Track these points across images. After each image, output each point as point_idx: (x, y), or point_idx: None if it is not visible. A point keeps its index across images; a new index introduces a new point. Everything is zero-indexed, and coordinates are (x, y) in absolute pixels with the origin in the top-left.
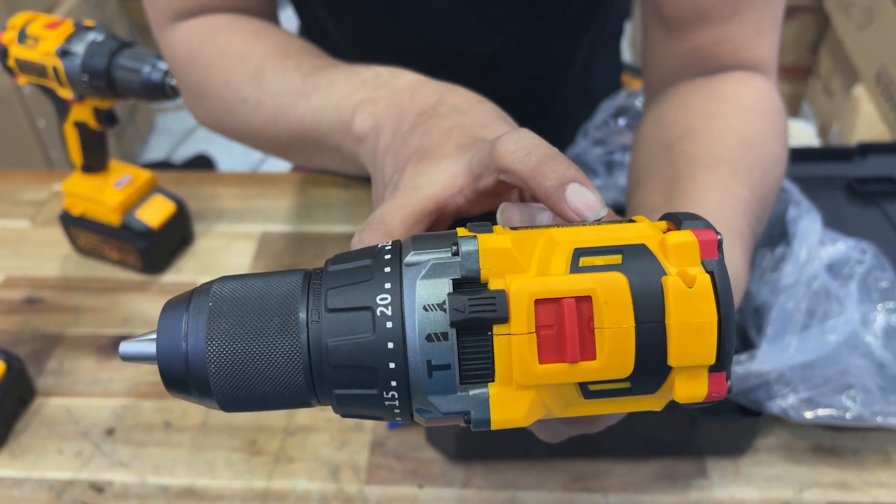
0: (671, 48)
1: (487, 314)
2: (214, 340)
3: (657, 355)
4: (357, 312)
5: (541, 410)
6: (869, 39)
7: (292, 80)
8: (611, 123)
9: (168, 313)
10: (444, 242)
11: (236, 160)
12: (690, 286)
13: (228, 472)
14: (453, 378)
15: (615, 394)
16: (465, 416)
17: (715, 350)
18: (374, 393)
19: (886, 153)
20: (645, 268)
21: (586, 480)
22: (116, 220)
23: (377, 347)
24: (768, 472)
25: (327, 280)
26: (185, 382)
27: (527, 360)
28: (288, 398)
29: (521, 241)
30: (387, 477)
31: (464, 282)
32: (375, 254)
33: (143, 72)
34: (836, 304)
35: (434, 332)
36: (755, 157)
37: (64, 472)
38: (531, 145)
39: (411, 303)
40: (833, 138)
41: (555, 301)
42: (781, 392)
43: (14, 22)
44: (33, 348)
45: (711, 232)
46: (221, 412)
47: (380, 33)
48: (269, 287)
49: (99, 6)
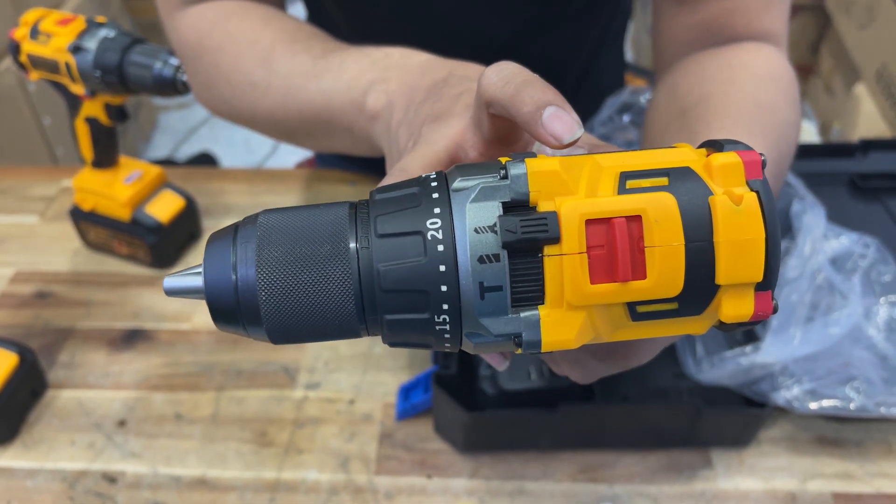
0: (683, 21)
1: (539, 234)
2: (265, 268)
3: (706, 273)
4: (408, 237)
5: (590, 333)
6: (870, 38)
7: (302, 62)
8: (615, 120)
9: (214, 245)
10: (491, 168)
11: (239, 158)
12: (738, 204)
13: (239, 463)
14: (505, 299)
15: (662, 315)
16: (517, 337)
17: (763, 267)
18: (426, 317)
19: (888, 149)
20: (692, 188)
21: (593, 471)
22: (126, 215)
23: (429, 270)
24: (772, 463)
25: (375, 207)
26: (234, 313)
27: (578, 280)
28: (338, 327)
29: (568, 166)
30: (396, 468)
31: (513, 205)
32: (421, 182)
33: (156, 67)
34: (839, 298)
35: (486, 253)
36: (770, 120)
37: (77, 463)
38: (511, 74)
39: (462, 226)
40: (834, 137)
41: (605, 221)
42: (786, 384)
43: (26, 18)
44: (45, 341)
45: (755, 153)
46: (231, 404)
47: (389, 21)
48: (316, 217)
49: (103, 5)
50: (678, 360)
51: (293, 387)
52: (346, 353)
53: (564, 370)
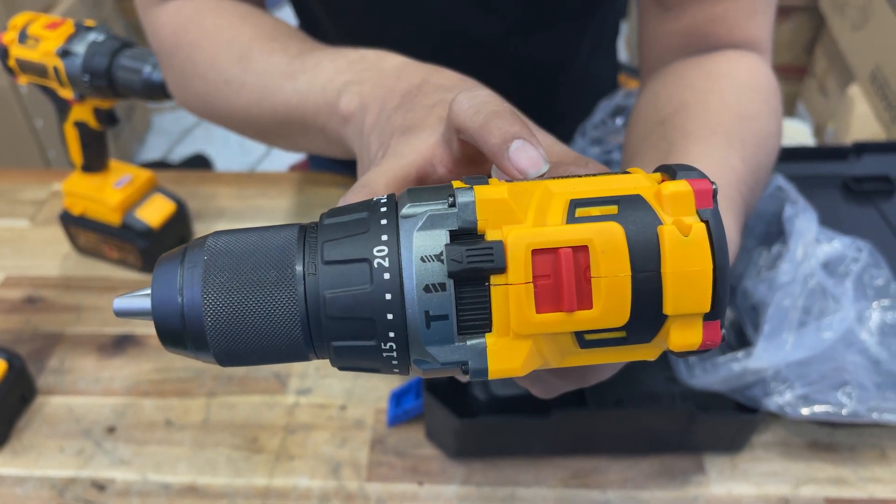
0: (666, 27)
1: (485, 264)
2: (210, 293)
3: (653, 304)
4: (354, 264)
5: (537, 360)
6: (864, 39)
7: (278, 62)
8: (608, 123)
9: (162, 268)
10: (441, 194)
11: (233, 160)
12: (686, 235)
13: (230, 469)
14: (451, 328)
15: (611, 343)
16: (463, 365)
17: (710, 298)
18: (373, 344)
19: (881, 152)
20: (641, 217)
21: (585, 476)
22: (116, 219)
23: (375, 299)
24: (765, 468)
25: (323, 232)
26: (181, 336)
27: (524, 310)
28: (285, 351)
29: (518, 193)
30: (387, 474)
31: (461, 233)
32: (371, 207)
33: (145, 72)
34: (832, 302)
35: (432, 282)
36: (749, 130)
37: (66, 471)
38: (481, 102)
39: (408, 254)
40: (828, 138)
41: (552, 251)
42: (778, 389)
43: (15, 22)
44: (34, 347)
45: (706, 181)
46: (222, 410)
47: (377, 22)
48: (264, 240)
49: (96, 6)
50: (670, 365)
51: (284, 393)
52: None
53: (524, 383)
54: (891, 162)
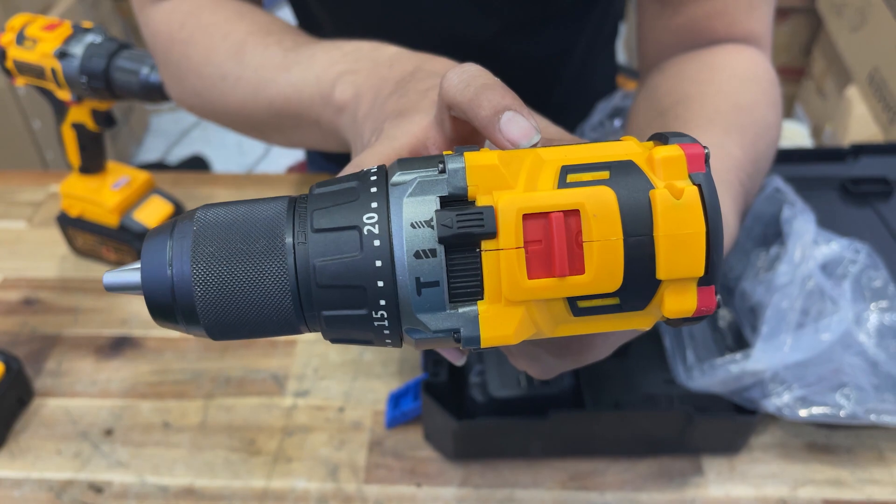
0: (665, 23)
1: (475, 229)
2: (199, 263)
3: (646, 268)
4: (344, 232)
5: (530, 328)
6: (861, 41)
7: (273, 55)
8: (606, 124)
9: (151, 241)
10: (431, 162)
11: (231, 161)
12: (678, 198)
13: (227, 471)
14: (442, 295)
15: (605, 310)
16: (455, 333)
17: (704, 261)
18: (363, 313)
19: (879, 154)
20: (633, 182)
21: (583, 479)
22: (114, 221)
23: (365, 266)
24: (763, 470)
25: (313, 202)
26: (171, 309)
27: (516, 275)
28: (277, 323)
29: (508, 160)
30: (385, 476)
31: (451, 199)
32: (361, 176)
33: (142, 73)
34: (829, 304)
35: (422, 248)
36: (748, 119)
37: (63, 473)
38: (471, 77)
39: (398, 220)
40: (826, 139)
41: (543, 215)
42: (776, 390)
43: (12, 23)
44: (32, 349)
45: (698, 146)
46: (220, 412)
47: (374, 20)
48: (254, 211)
49: (94, 7)
50: (668, 367)
51: (282, 394)
52: (335, 360)
53: (521, 364)
54: (888, 163)
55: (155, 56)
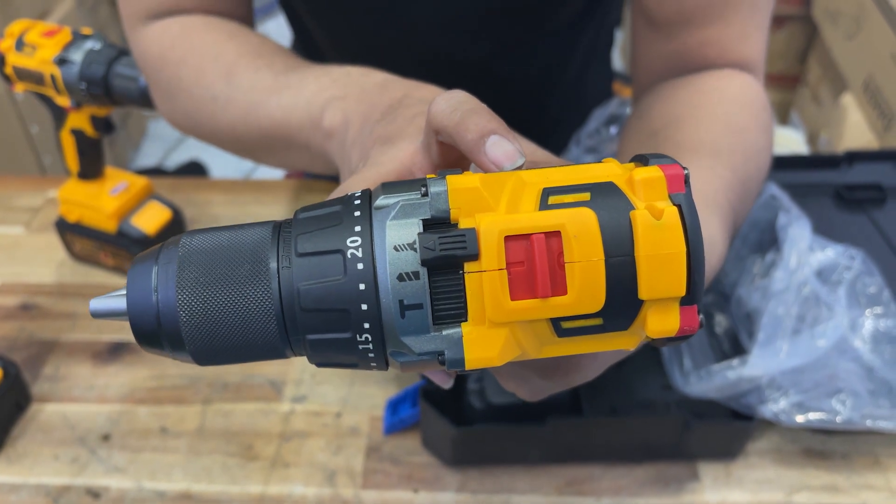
0: (658, 48)
1: (458, 251)
2: (185, 290)
3: (628, 289)
4: (327, 256)
5: (515, 350)
6: (856, 48)
7: (264, 78)
8: (602, 132)
9: (137, 267)
10: (414, 186)
11: (229, 167)
12: (658, 219)
13: (225, 477)
14: (426, 317)
15: (588, 331)
16: (440, 356)
17: (685, 281)
18: (348, 336)
19: (873, 161)
20: (613, 203)
21: (580, 484)
22: (112, 226)
23: (349, 289)
24: (759, 476)
25: (297, 226)
26: (156, 335)
27: (499, 297)
28: (262, 348)
29: (490, 183)
30: (382, 481)
31: (434, 222)
32: (345, 201)
33: (141, 80)
34: (825, 310)
35: (405, 271)
36: (738, 143)
37: (60, 478)
38: (458, 102)
39: (381, 244)
40: (821, 146)
41: (525, 237)
42: (773, 396)
43: (12, 30)
44: (29, 354)
45: (678, 167)
46: (217, 417)
47: (369, 40)
48: (238, 237)
49: (91, 13)
50: (666, 373)
51: (280, 400)
52: None
53: (510, 386)
54: (882, 170)
55: (146, 76)
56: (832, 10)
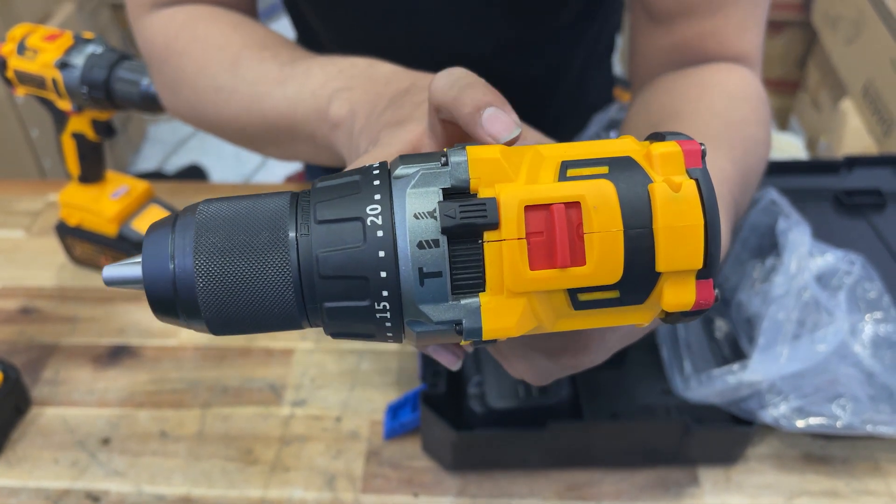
0: (657, 41)
1: (478, 220)
2: (202, 256)
3: (645, 261)
4: (347, 223)
5: (532, 321)
6: (856, 54)
7: (269, 69)
8: (602, 136)
9: (153, 234)
10: (434, 157)
11: (229, 170)
12: (676, 192)
13: (224, 481)
14: (445, 286)
15: (605, 304)
16: (457, 325)
17: (702, 254)
18: (366, 304)
19: (872, 166)
20: (631, 176)
21: (580, 489)
22: (113, 230)
23: (368, 256)
24: (759, 480)
25: (316, 195)
26: (172, 303)
27: (518, 266)
28: (278, 317)
29: (510, 154)
30: (382, 486)
31: (453, 191)
32: (363, 171)
33: (143, 84)
34: (825, 315)
35: (425, 238)
36: (738, 135)
37: (60, 482)
38: (455, 78)
39: (401, 211)
40: (821, 151)
41: (544, 207)
42: (773, 401)
43: (13, 34)
44: (29, 358)
45: (694, 142)
46: (217, 421)
47: (373, 40)
48: (256, 205)
49: (93, 16)
50: (666, 378)
51: (279, 404)
52: (332, 369)
53: (517, 370)
54: (881, 175)
55: (150, 66)
56: (831, 16)
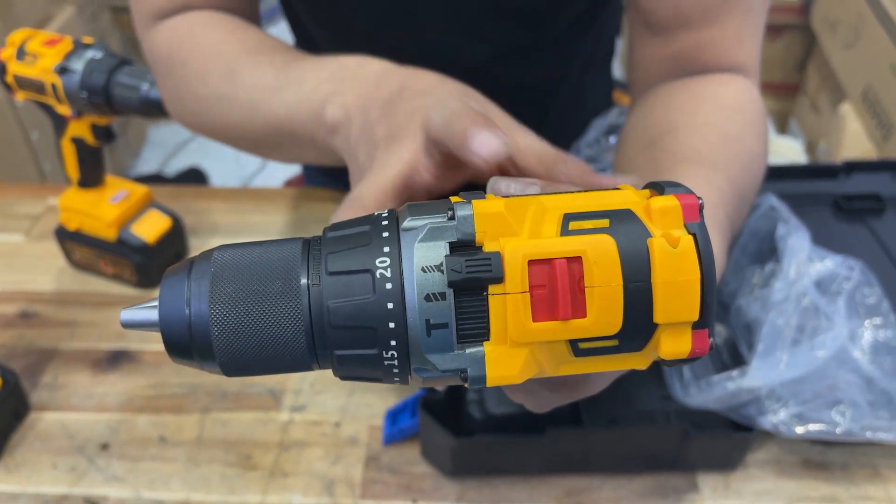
0: (654, 52)
1: (484, 274)
2: (217, 304)
3: (644, 313)
4: (357, 275)
5: (534, 368)
6: (855, 58)
7: (265, 75)
8: (602, 141)
9: (170, 280)
10: (440, 208)
11: (229, 173)
12: (675, 247)
13: (223, 486)
14: (451, 336)
15: (604, 351)
16: (462, 373)
17: (698, 307)
18: (374, 353)
19: (871, 171)
20: (631, 230)
21: (579, 495)
22: (112, 234)
23: (377, 308)
24: (758, 487)
25: (327, 245)
26: (188, 347)
27: (521, 318)
28: (289, 361)
29: (514, 207)
30: (381, 492)
31: (459, 245)
32: (372, 221)
33: (142, 89)
34: (824, 320)
35: (432, 292)
36: (734, 152)
37: (58, 487)
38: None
39: (410, 264)
40: (820, 155)
41: (547, 262)
42: (772, 407)
43: (13, 39)
44: (28, 362)
45: (693, 196)
46: (216, 427)
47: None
48: (269, 253)
49: (92, 20)
50: (665, 384)
51: (278, 409)
52: (331, 375)
53: (517, 398)
54: (881, 180)
55: (156, 77)
56: (831, 20)
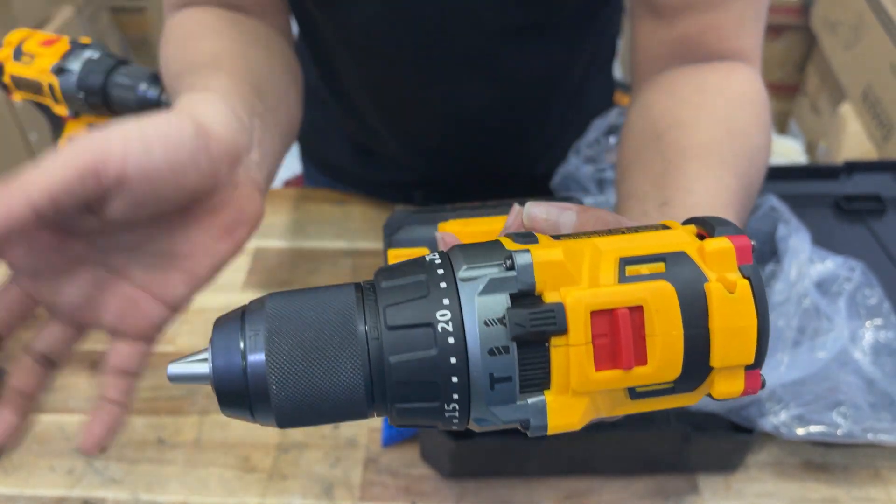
0: (659, 36)
1: (547, 327)
2: (275, 359)
3: (701, 358)
4: (418, 329)
5: (592, 414)
6: (855, 58)
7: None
8: (602, 142)
9: (221, 332)
10: (495, 255)
11: None
12: (732, 292)
13: (222, 489)
14: (514, 388)
15: (659, 393)
16: (524, 423)
17: (754, 351)
18: (436, 406)
19: (871, 171)
20: (688, 275)
21: (579, 497)
22: None
23: (440, 363)
24: (759, 489)
25: (383, 297)
26: (242, 401)
27: (584, 369)
28: (346, 412)
29: (571, 254)
30: (380, 494)
31: (520, 295)
32: (426, 267)
33: (140, 89)
34: (825, 322)
35: (496, 346)
36: (740, 146)
37: (56, 490)
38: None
39: (471, 318)
40: (820, 155)
41: (609, 312)
42: (773, 409)
43: (10, 39)
44: None
45: (745, 238)
46: (215, 429)
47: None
48: (323, 303)
49: (92, 20)
50: None
51: None
52: None
53: None
54: (881, 181)
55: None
56: (831, 20)
